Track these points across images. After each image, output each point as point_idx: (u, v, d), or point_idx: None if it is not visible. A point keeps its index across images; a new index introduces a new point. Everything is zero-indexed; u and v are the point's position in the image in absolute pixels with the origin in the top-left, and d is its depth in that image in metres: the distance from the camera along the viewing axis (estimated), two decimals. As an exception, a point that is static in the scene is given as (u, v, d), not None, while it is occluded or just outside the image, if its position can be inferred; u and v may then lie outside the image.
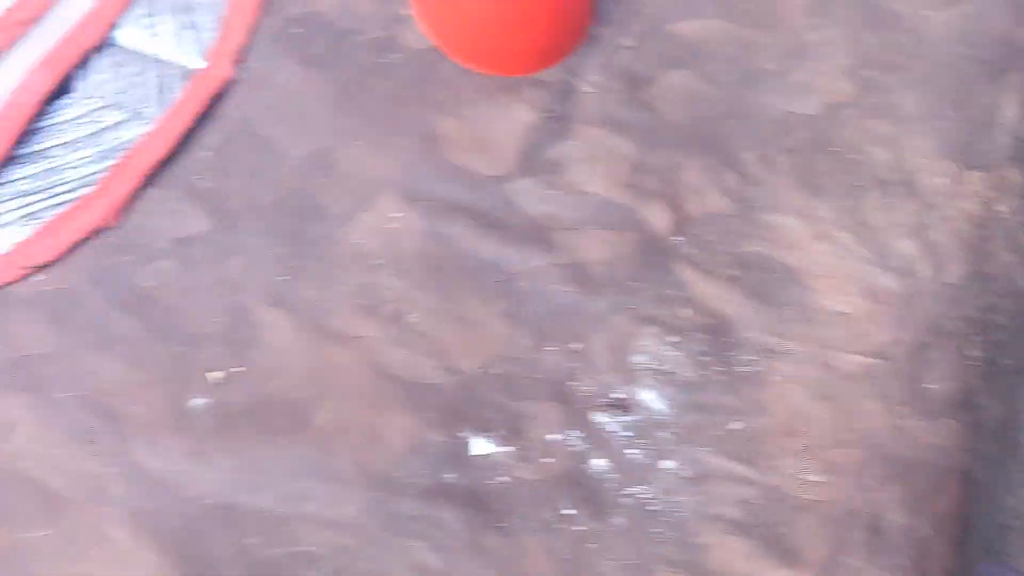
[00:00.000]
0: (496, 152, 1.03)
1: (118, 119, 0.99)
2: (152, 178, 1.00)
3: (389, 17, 1.05)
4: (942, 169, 1.03)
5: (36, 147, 0.97)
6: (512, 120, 1.05)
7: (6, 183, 0.96)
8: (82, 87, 1.01)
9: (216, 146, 1.01)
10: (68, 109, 0.99)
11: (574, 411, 0.97)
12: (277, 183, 1.00)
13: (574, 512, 0.94)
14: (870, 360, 0.98)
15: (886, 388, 0.98)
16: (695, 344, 0.99)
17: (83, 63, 1.01)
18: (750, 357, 0.99)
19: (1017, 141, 1.04)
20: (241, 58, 1.04)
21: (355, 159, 1.02)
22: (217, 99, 1.01)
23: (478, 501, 0.93)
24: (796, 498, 0.95)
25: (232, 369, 0.93)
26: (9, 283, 0.95)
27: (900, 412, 0.97)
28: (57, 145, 0.97)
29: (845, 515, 0.95)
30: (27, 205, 0.96)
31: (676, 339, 0.99)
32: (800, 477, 0.96)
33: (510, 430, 0.95)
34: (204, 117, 1.01)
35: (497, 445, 0.95)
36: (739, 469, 0.96)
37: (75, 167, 0.97)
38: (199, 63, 1.01)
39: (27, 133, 0.98)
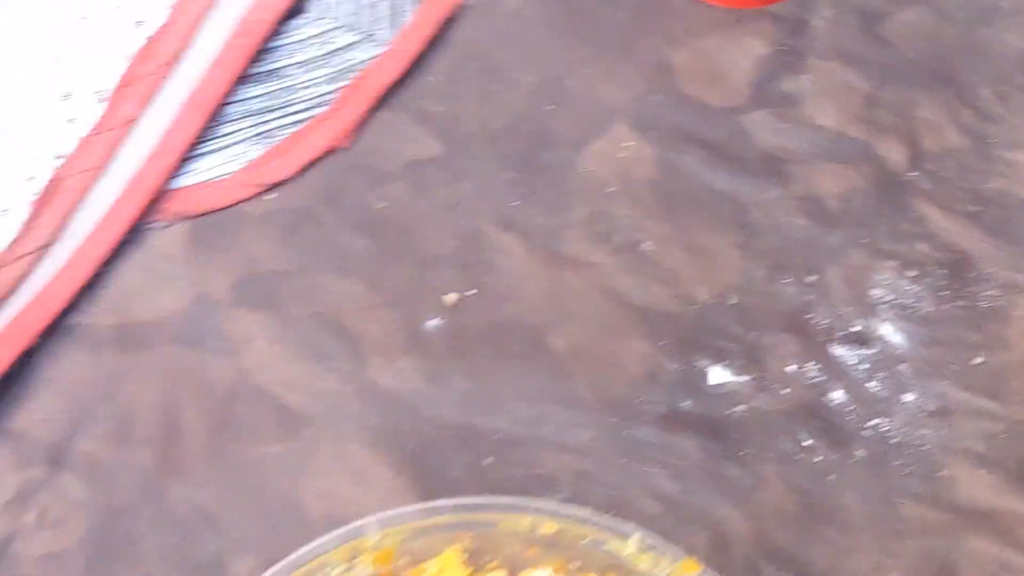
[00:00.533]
0: (728, 84, 1.01)
1: (351, 40, 0.98)
2: (384, 101, 0.98)
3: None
4: None
5: (270, 66, 0.96)
6: (744, 52, 1.02)
7: (240, 101, 0.96)
8: (316, 7, 1.00)
9: (446, 71, 0.99)
10: (302, 29, 0.98)
11: (811, 343, 0.94)
12: (507, 109, 0.99)
13: (813, 443, 0.91)
14: (1116, 295, 0.94)
15: None
16: (934, 279, 0.96)
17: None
18: (992, 292, 0.95)
19: None
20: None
21: (586, 87, 1.00)
22: (448, 24, 1.00)
23: (715, 430, 0.91)
24: (1043, 433, 0.91)
25: (466, 292, 0.91)
26: (242, 201, 0.94)
27: None
28: (291, 64, 0.96)
29: (1094, 449, 0.91)
30: (260, 124, 0.95)
31: (915, 273, 0.96)
32: (1048, 413, 0.92)
33: (747, 360, 0.93)
34: (435, 42, 0.99)
35: (734, 374, 0.92)
36: (983, 403, 0.92)
37: (308, 87, 0.96)
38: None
39: (261, 52, 0.97)
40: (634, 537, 0.78)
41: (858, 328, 0.94)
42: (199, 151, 0.96)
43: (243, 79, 0.99)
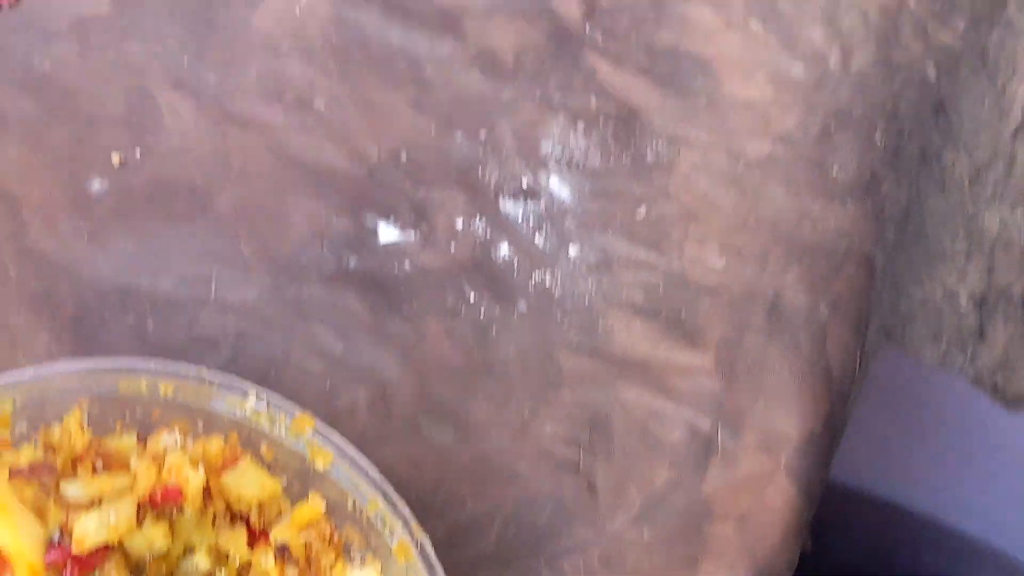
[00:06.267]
0: (406, -61, 0.92)
1: (14, -103, 0.88)
2: (51, -41, 0.88)
3: None
4: (855, -41, 0.93)
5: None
6: (423, -94, 0.93)
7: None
8: None
9: (118, -73, 0.89)
10: None
11: (480, 198, 0.88)
12: (181, -34, 0.89)
13: (477, 298, 0.85)
14: (775, 146, 0.89)
15: (790, 173, 0.89)
16: (603, 132, 0.90)
17: None
18: (657, 145, 0.90)
19: (930, -68, 0.93)
20: None
21: (262, -57, 0.91)
22: None
23: (382, 287, 0.85)
24: (698, 282, 0.87)
25: (132, 153, 0.83)
26: None
27: (803, 196, 0.89)
28: (-50, -77, 0.85)
29: (745, 297, 0.87)
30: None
31: (584, 127, 0.89)
32: (703, 261, 0.87)
33: (416, 216, 0.87)
34: (105, -102, 0.89)
35: (402, 231, 0.86)
36: (643, 254, 0.87)
37: (-30, -54, 0.86)
38: None
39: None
40: (250, 395, 0.72)
41: (526, 182, 0.88)
42: None
43: None
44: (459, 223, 0.87)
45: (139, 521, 0.70)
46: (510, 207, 0.88)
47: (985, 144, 0.97)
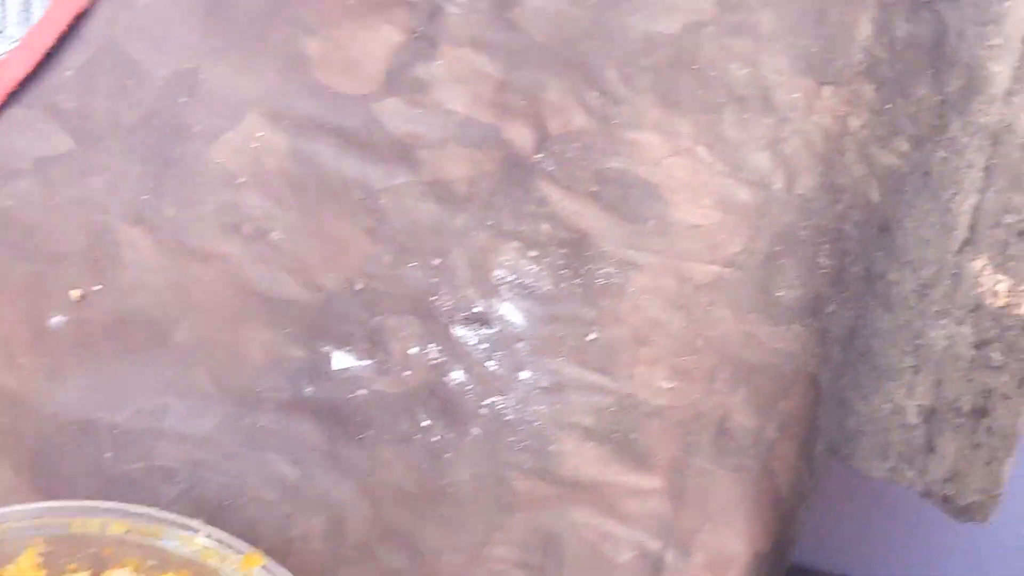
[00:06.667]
0: (362, 71, 0.97)
1: (-21, 39, 0.91)
2: (14, 97, 0.92)
3: (257, -62, 0.98)
4: (798, 85, 0.97)
5: None
6: (379, 40, 0.98)
7: None
8: (-59, 8, 0.92)
9: (79, 66, 0.93)
10: (-73, 30, 0.91)
11: (434, 325, 0.90)
12: (141, 103, 0.93)
13: (431, 423, 0.88)
14: (722, 269, 0.92)
15: (737, 296, 0.92)
16: (554, 258, 0.93)
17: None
18: (608, 270, 0.93)
19: (870, 57, 0.97)
20: (105, -22, 0.96)
21: (220, 79, 0.95)
22: (81, 18, 0.93)
23: (337, 414, 0.87)
24: (648, 404, 0.90)
25: (91, 288, 0.86)
26: None
27: (750, 318, 0.92)
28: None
29: (693, 418, 0.89)
30: None
31: (536, 253, 0.93)
32: (652, 384, 0.90)
33: (370, 344, 0.89)
34: (68, 36, 0.93)
35: (357, 359, 0.89)
36: (594, 378, 0.90)
37: (-64, 86, 0.89)
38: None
39: None
40: (199, 533, 0.75)
41: (480, 309, 0.91)
42: None
43: None
44: (413, 350, 0.90)
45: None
46: (463, 333, 0.91)
47: (931, 261, 1.00)
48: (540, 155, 0.96)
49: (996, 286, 1.00)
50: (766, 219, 0.95)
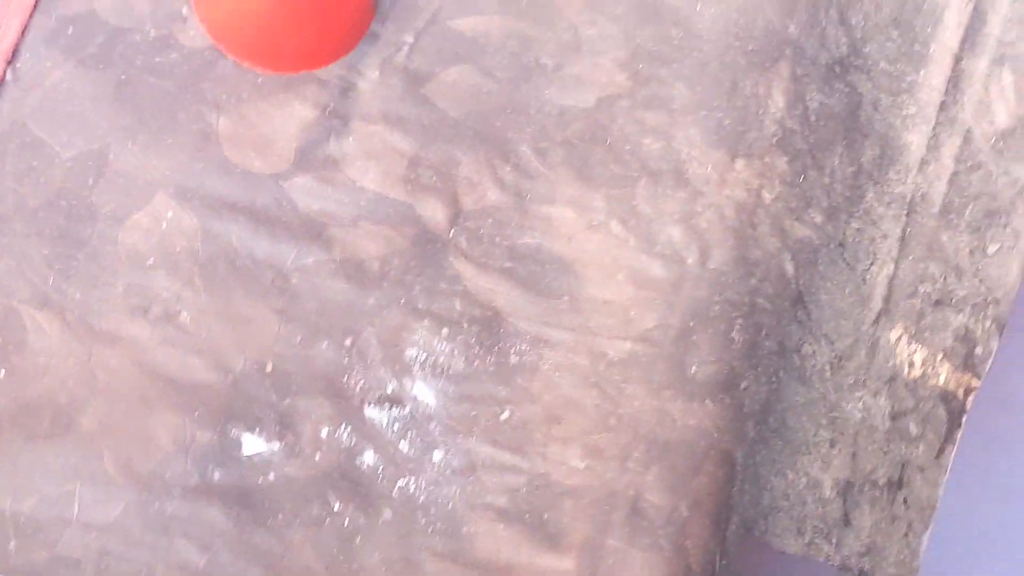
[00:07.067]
0: (273, 150, 0.97)
1: None
2: (-82, 182, 0.91)
3: (167, 15, 0.98)
4: (711, 158, 0.98)
5: None
6: (290, 117, 0.98)
7: None
8: None
9: (-15, 149, 0.92)
10: None
11: (346, 406, 0.90)
12: (48, 184, 0.93)
13: (342, 507, 0.87)
14: (636, 345, 0.93)
15: (650, 372, 0.93)
16: (467, 336, 0.93)
17: None
18: (521, 347, 0.93)
19: (783, 129, 0.99)
20: (13, 58, 0.96)
21: (129, 159, 0.95)
22: (-13, 101, 0.93)
23: (246, 499, 0.87)
24: (561, 484, 0.90)
25: (-3, 374, 0.86)
26: None
27: (663, 395, 0.92)
28: None
29: (607, 498, 0.89)
30: None
31: (448, 332, 0.93)
32: (565, 463, 0.90)
33: (280, 426, 0.89)
34: (-27, 120, 0.92)
35: (267, 442, 0.88)
36: (507, 457, 0.90)
37: None
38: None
39: None
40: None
41: (392, 389, 0.91)
42: None
43: None
44: (324, 432, 0.90)
45: None
46: (375, 414, 0.91)
47: (846, 332, 1.01)
48: (453, 231, 0.96)
49: (912, 356, 1.01)
50: (679, 294, 0.96)
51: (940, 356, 1.01)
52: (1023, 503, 1.17)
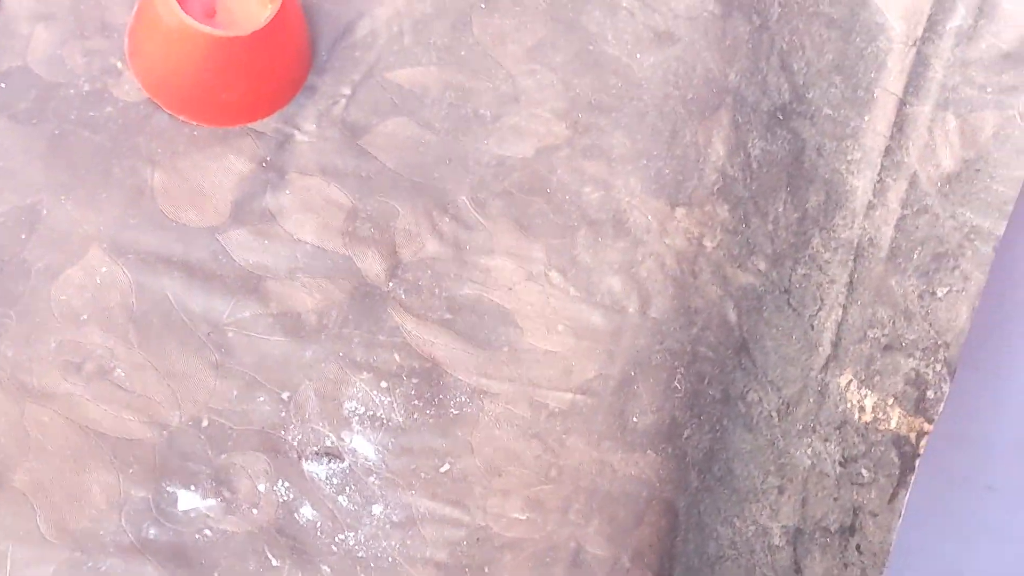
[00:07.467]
0: (209, 203, 0.97)
1: None
2: None
3: (101, 69, 0.98)
4: (651, 207, 0.98)
5: None
6: (226, 171, 0.98)
7: None
8: None
9: (-84, 206, 0.92)
10: None
11: (283, 460, 0.90)
12: (-21, 242, 0.93)
13: (280, 563, 0.87)
14: (576, 396, 0.93)
15: (591, 423, 0.93)
16: (406, 388, 0.94)
17: None
18: (461, 399, 0.93)
19: (724, 177, 0.99)
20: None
21: (63, 214, 0.95)
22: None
23: (181, 556, 0.87)
24: (501, 536, 0.90)
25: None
26: None
27: (603, 446, 0.93)
28: None
29: (547, 550, 0.89)
30: None
31: (387, 384, 0.93)
32: (505, 515, 0.90)
33: (216, 482, 0.89)
34: (-98, 177, 0.93)
35: (203, 498, 0.88)
36: (447, 511, 0.90)
37: None
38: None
39: None
40: None
41: (330, 442, 0.91)
42: None
43: None
44: (261, 487, 0.90)
45: None
46: (313, 468, 0.91)
47: (794, 378, 1.02)
48: (392, 283, 0.97)
49: (863, 401, 1.02)
50: (620, 344, 0.96)
51: (891, 400, 1.02)
52: (978, 542, 1.18)
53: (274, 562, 0.86)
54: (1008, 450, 1.17)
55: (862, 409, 1.02)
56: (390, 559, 0.87)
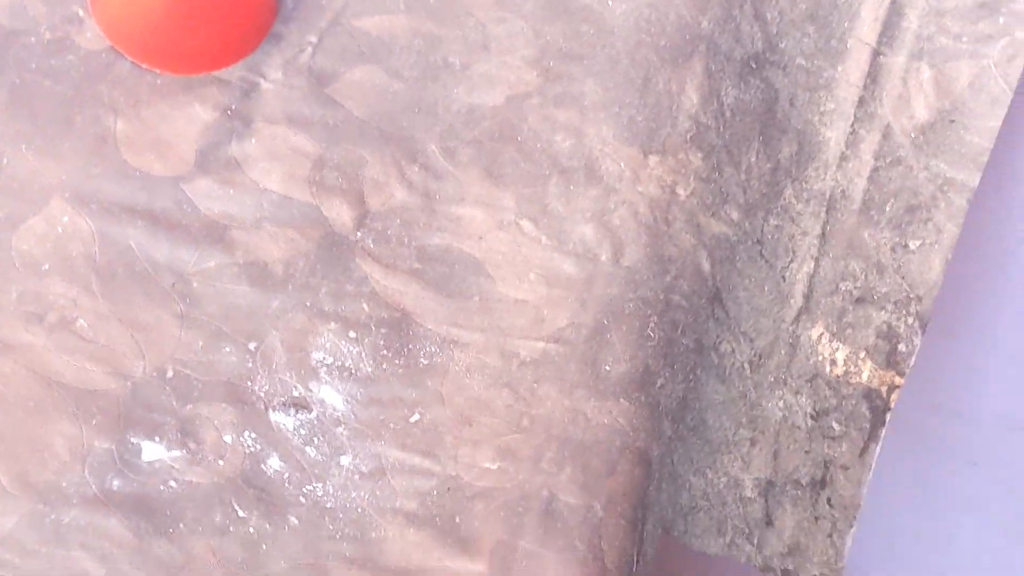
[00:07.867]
0: (173, 152, 0.96)
1: None
2: None
3: (63, 17, 0.97)
4: (623, 154, 0.98)
5: None
6: (190, 119, 0.97)
7: None
8: None
9: None
10: None
11: (250, 411, 0.90)
12: (-62, 191, 0.92)
13: (247, 514, 0.87)
14: (548, 345, 0.93)
15: (563, 372, 0.92)
16: (375, 338, 0.93)
17: None
18: (430, 349, 0.93)
19: (698, 125, 0.99)
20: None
21: (23, 164, 0.94)
22: None
23: (146, 508, 0.86)
24: (472, 486, 0.90)
25: None
26: None
27: (576, 395, 0.92)
28: None
29: (519, 500, 0.89)
30: None
31: (356, 335, 0.92)
32: (477, 465, 0.90)
33: (182, 433, 0.88)
34: None
35: (168, 449, 0.88)
36: (417, 461, 0.90)
37: None
38: None
39: None
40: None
41: (298, 393, 0.90)
42: None
43: None
44: (228, 438, 0.89)
45: None
46: (281, 419, 0.90)
47: (766, 330, 1.02)
48: (360, 233, 0.96)
49: (834, 354, 1.02)
50: (592, 292, 0.96)
51: (862, 354, 1.02)
52: (949, 503, 1.18)
53: (241, 513, 0.86)
54: (991, 424, 1.17)
55: (833, 362, 1.02)
56: (359, 509, 0.87)
